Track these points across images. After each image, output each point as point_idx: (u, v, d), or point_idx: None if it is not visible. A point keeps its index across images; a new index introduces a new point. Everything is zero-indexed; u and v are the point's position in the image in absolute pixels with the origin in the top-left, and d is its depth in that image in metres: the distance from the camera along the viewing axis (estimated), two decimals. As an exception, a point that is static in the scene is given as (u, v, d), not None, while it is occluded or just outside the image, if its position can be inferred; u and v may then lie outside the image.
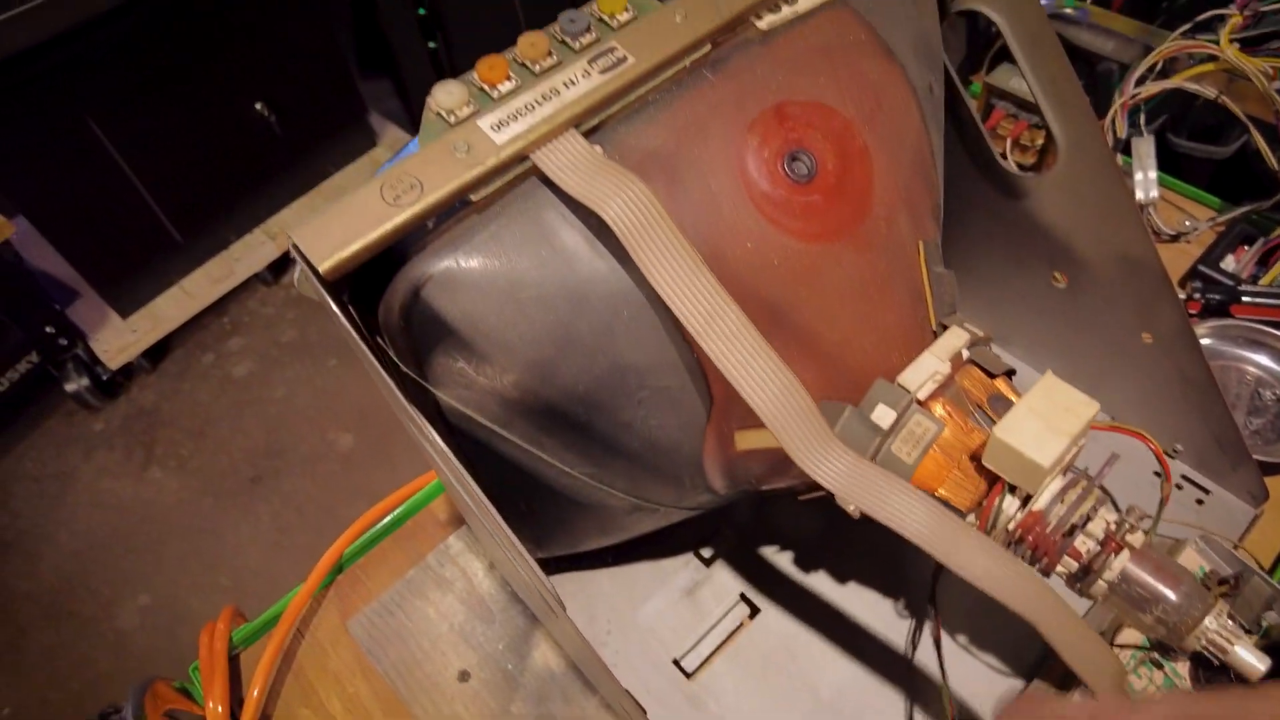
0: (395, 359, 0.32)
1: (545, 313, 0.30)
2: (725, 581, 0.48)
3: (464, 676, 0.46)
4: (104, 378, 1.57)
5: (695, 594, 0.47)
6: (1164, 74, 0.66)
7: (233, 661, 0.51)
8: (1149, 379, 0.49)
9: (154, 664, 1.32)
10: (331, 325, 0.29)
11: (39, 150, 1.32)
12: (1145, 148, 0.65)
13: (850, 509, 0.34)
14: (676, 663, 0.45)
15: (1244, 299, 0.57)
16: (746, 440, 0.35)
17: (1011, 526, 0.32)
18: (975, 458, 0.33)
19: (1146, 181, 0.66)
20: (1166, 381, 0.48)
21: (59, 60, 1.27)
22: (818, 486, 0.37)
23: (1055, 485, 0.32)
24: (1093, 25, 0.73)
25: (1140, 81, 0.65)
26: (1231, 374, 0.57)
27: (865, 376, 0.34)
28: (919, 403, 0.33)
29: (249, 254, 1.67)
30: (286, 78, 1.58)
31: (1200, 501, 0.49)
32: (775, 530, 0.49)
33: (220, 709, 0.47)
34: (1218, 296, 0.58)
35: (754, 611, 0.47)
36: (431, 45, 1.66)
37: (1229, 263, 0.62)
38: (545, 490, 0.38)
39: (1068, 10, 0.74)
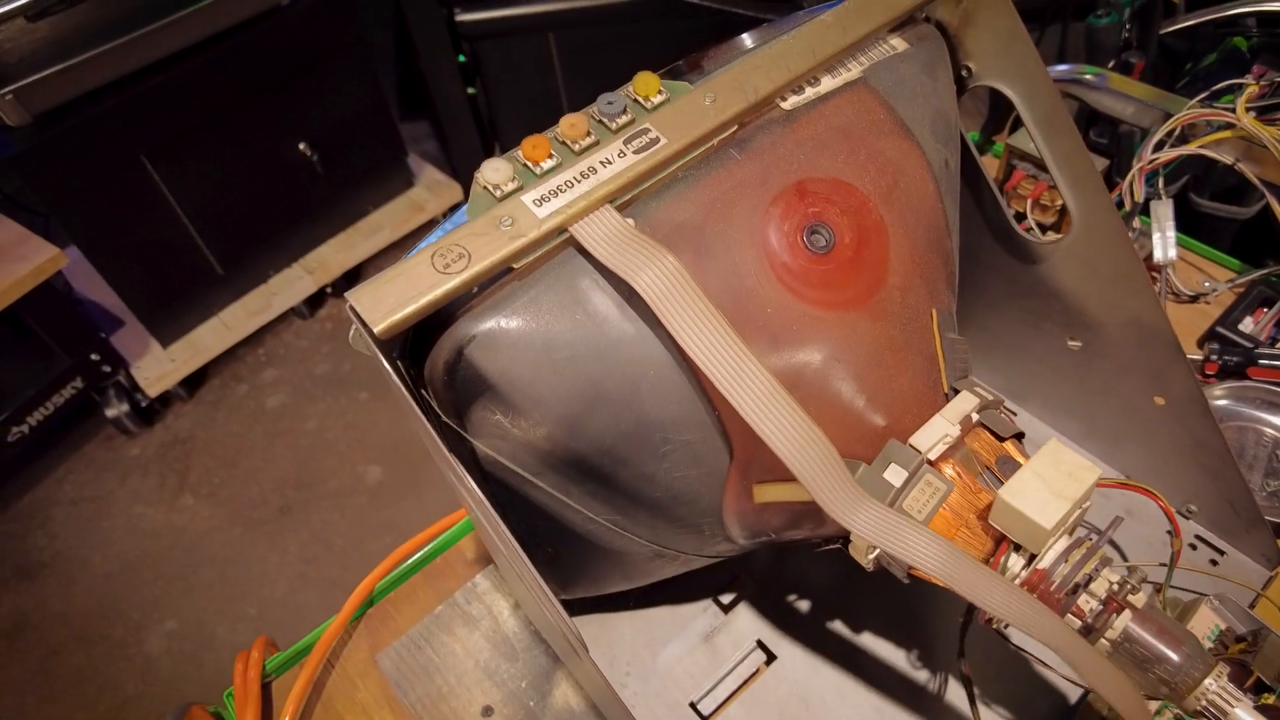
0: (437, 410, 0.34)
1: (577, 371, 0.33)
2: (743, 628, 0.49)
3: (487, 712, 0.48)
4: (143, 404, 1.62)
5: (713, 639, 0.49)
6: (1182, 140, 0.68)
7: (265, 689, 0.53)
8: (1162, 441, 0.50)
9: (178, 689, 1.34)
10: (382, 377, 0.31)
11: (95, 186, 1.39)
12: (1164, 210, 0.66)
13: (868, 560, 0.36)
14: (693, 706, 0.46)
15: (1261, 361, 0.58)
16: (765, 494, 0.37)
17: (1017, 584, 0.33)
18: (983, 517, 0.34)
19: (1165, 243, 0.67)
20: (1179, 443, 0.49)
21: (118, 102, 1.34)
22: (833, 539, 0.39)
23: (1060, 545, 0.34)
24: (1112, 90, 0.75)
25: (1159, 147, 0.66)
26: (1249, 435, 0.57)
27: (880, 438, 0.35)
28: (930, 463, 0.34)
29: (286, 288, 1.72)
30: (330, 120, 1.65)
31: (1214, 562, 0.50)
32: (793, 580, 0.51)
33: (253, 737, 0.49)
34: (1235, 358, 0.59)
35: (770, 658, 0.48)
36: (471, 91, 1.72)
37: (1247, 324, 0.63)
38: (571, 535, 0.40)
39: (1088, 76, 0.76)
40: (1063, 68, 0.76)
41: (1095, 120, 0.90)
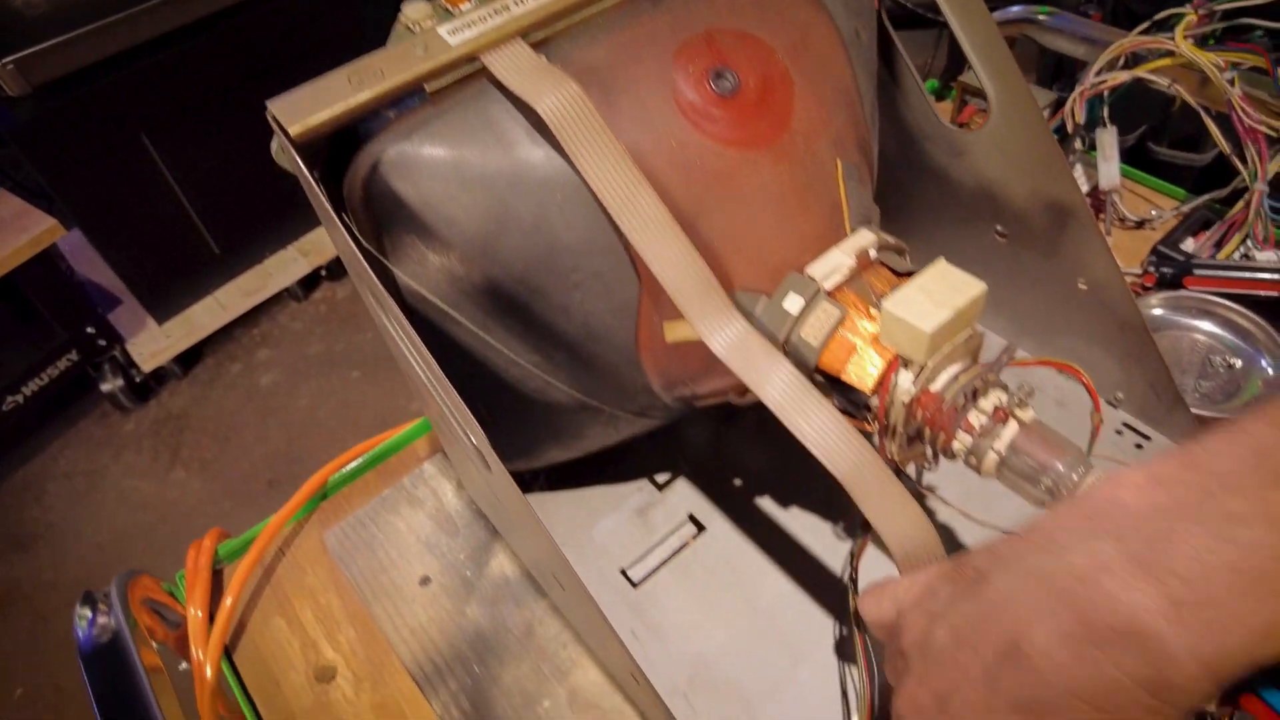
0: (358, 235, 0.36)
1: (487, 191, 0.35)
2: (676, 504, 0.51)
3: (425, 581, 0.49)
4: (137, 380, 1.64)
5: (647, 514, 0.50)
6: (1128, 69, 0.69)
7: (217, 575, 0.54)
8: (1089, 327, 0.51)
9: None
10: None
11: (95, 161, 1.42)
12: (1108, 138, 0.68)
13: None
14: (624, 573, 0.48)
15: (1195, 271, 0.60)
16: (674, 331, 0.38)
17: (908, 400, 0.35)
18: (876, 343, 0.36)
19: (1110, 172, 0.68)
20: (1105, 329, 0.50)
21: (118, 78, 1.37)
22: (745, 390, 0.40)
23: (953, 369, 0.35)
24: (1065, 31, 0.77)
25: (1102, 74, 0.68)
26: (1184, 342, 0.59)
27: (783, 273, 0.37)
28: (826, 293, 0.36)
29: (281, 269, 1.75)
30: (326, 104, 1.68)
31: (1140, 446, 0.51)
32: (728, 463, 0.52)
33: (200, 615, 0.50)
34: (1170, 270, 0.61)
35: (700, 529, 0.49)
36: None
37: (1188, 245, 0.65)
38: (497, 387, 0.41)
39: (1041, 17, 0.78)
40: (1016, 9, 0.78)
41: (1059, 74, 0.92)
